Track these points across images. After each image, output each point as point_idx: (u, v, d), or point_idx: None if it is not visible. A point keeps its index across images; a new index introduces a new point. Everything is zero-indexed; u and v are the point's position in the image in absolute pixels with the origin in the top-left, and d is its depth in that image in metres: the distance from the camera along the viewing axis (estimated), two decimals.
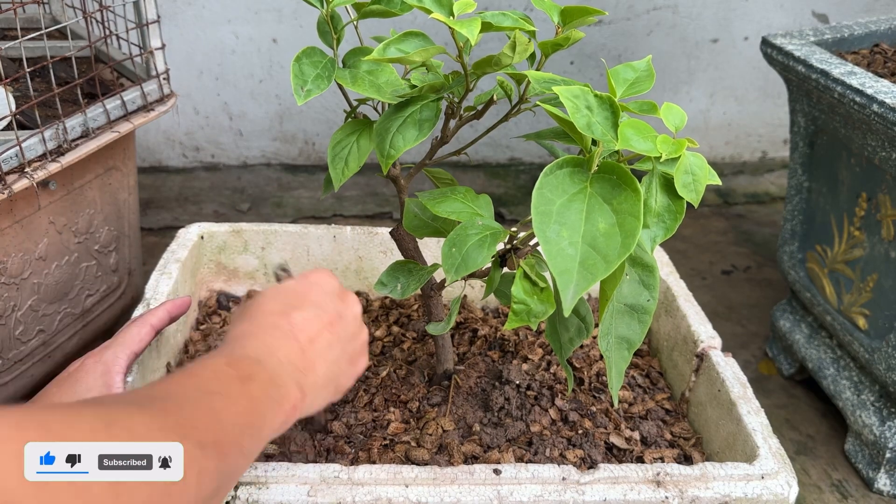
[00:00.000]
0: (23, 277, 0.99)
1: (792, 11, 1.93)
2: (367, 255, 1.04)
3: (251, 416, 0.50)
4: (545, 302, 0.58)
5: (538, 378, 0.87)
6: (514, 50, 0.57)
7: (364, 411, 0.83)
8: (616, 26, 1.89)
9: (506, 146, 2.00)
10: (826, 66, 1.09)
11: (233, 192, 1.87)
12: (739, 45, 1.95)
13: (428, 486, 0.65)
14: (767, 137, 2.09)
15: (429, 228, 0.75)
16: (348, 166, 0.74)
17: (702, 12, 1.90)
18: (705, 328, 0.89)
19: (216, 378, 0.50)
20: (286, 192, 1.88)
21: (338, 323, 0.63)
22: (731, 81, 2.00)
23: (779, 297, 1.48)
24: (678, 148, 0.51)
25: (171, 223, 1.71)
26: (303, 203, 1.84)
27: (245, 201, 1.83)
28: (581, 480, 0.66)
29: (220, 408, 0.47)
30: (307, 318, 0.60)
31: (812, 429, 1.21)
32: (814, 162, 1.23)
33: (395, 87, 0.68)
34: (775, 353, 1.34)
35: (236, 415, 0.48)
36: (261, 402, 0.51)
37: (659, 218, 0.53)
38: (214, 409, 0.47)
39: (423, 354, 0.91)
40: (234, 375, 0.51)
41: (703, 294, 1.52)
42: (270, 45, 1.84)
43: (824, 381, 1.20)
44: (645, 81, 0.59)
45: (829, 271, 1.20)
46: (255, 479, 0.65)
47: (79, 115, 0.98)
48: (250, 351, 0.55)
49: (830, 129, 1.15)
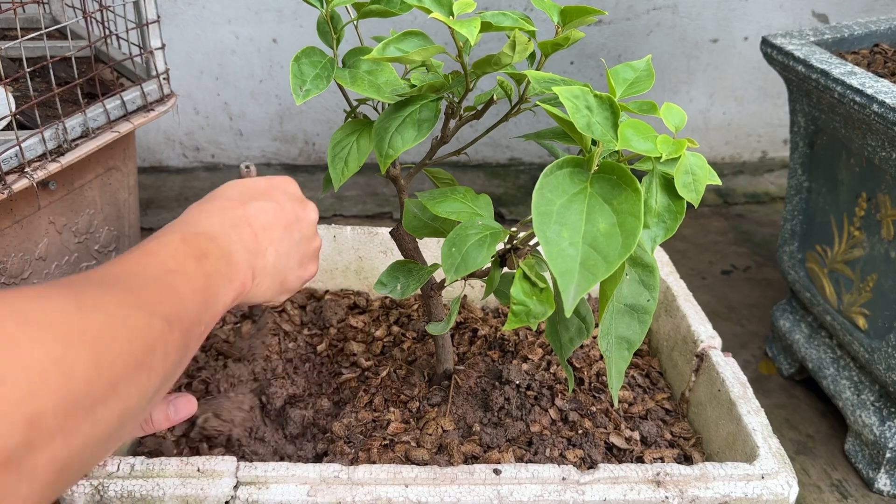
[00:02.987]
0: (23, 278, 0.99)
1: (792, 11, 1.93)
2: (367, 255, 1.04)
3: (207, 292, 0.52)
4: (545, 303, 0.58)
5: (538, 378, 0.87)
6: (514, 49, 0.57)
7: (364, 411, 0.82)
8: (616, 26, 1.89)
9: (506, 146, 2.00)
10: (826, 66, 1.08)
11: None
12: (739, 45, 1.95)
13: (428, 486, 0.65)
14: (767, 137, 2.08)
15: (428, 228, 0.75)
16: (348, 166, 0.74)
17: (701, 12, 1.90)
18: (705, 328, 0.89)
19: (173, 257, 0.52)
20: None
21: (294, 223, 0.66)
22: (730, 81, 2.00)
23: (778, 297, 1.48)
24: (678, 148, 0.51)
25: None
26: None
27: None
28: (581, 480, 0.66)
29: (178, 285, 0.50)
30: (264, 209, 0.63)
31: (812, 429, 1.21)
32: (814, 162, 1.22)
33: (394, 87, 0.68)
34: (775, 352, 1.34)
35: (194, 292, 0.51)
36: (214, 278, 0.54)
37: (659, 218, 0.52)
38: (174, 288, 0.49)
39: (423, 354, 0.91)
40: (190, 253, 0.54)
41: (702, 294, 1.51)
42: (271, 45, 1.84)
43: (824, 381, 1.20)
44: (645, 81, 0.59)
45: (829, 271, 1.19)
46: (255, 479, 0.64)
47: (79, 115, 0.98)
48: (204, 228, 0.58)
49: (830, 129, 1.14)
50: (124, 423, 0.42)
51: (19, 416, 0.33)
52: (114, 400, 0.40)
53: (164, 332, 0.45)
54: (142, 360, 0.43)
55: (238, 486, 0.64)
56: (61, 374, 0.36)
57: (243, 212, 0.62)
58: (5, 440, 0.33)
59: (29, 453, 0.34)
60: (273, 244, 0.63)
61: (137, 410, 0.43)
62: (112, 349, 0.40)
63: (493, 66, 0.60)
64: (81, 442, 0.38)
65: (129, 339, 0.42)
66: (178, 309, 0.48)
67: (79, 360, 0.37)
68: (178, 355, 0.47)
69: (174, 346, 0.46)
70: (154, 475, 0.64)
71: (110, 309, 0.42)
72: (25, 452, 0.34)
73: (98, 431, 0.39)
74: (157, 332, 0.44)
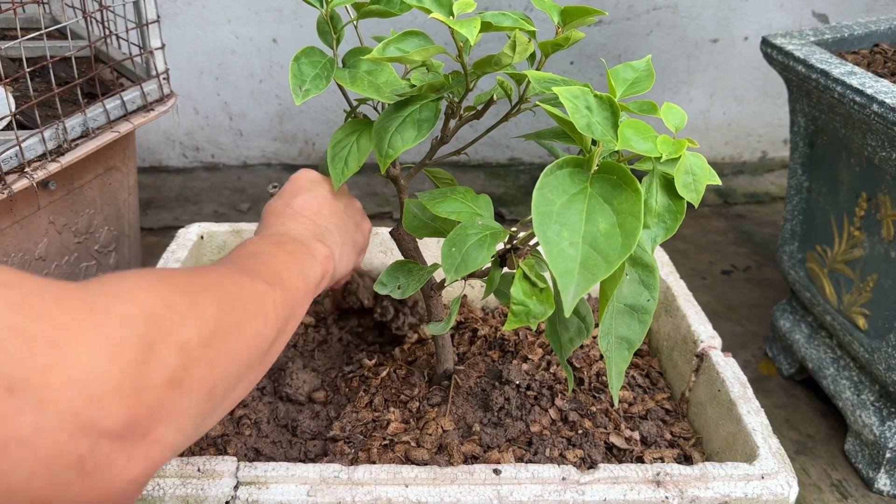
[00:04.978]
0: None
1: (792, 11, 1.93)
2: (367, 255, 1.04)
3: (293, 264, 0.62)
4: (544, 303, 0.58)
5: (538, 378, 0.87)
6: (514, 50, 0.57)
7: (364, 411, 0.82)
8: (616, 26, 1.89)
9: (506, 146, 2.00)
10: (826, 66, 1.08)
11: (233, 193, 1.87)
12: (739, 45, 1.95)
13: (428, 486, 0.65)
14: (767, 137, 2.09)
15: (428, 228, 0.75)
16: (348, 166, 0.74)
17: (701, 12, 1.90)
18: (705, 328, 0.89)
19: (255, 245, 0.63)
20: None
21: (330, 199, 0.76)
22: (730, 81, 2.00)
23: (779, 297, 1.48)
24: (678, 148, 0.51)
25: (171, 223, 1.71)
26: None
27: (245, 201, 1.83)
28: (581, 480, 0.66)
29: (266, 260, 0.60)
30: (305, 200, 0.74)
31: (812, 429, 1.21)
32: (814, 162, 1.23)
33: (394, 87, 0.68)
34: (775, 352, 1.34)
35: (281, 263, 0.61)
36: (296, 256, 0.64)
37: (659, 218, 0.52)
38: (264, 262, 0.60)
39: (423, 354, 0.91)
40: (269, 242, 0.65)
41: (703, 294, 1.51)
42: (271, 45, 1.84)
43: (824, 381, 1.20)
44: (645, 81, 0.59)
45: (829, 271, 1.19)
46: (255, 479, 0.65)
47: (78, 114, 0.98)
48: (272, 231, 0.70)
49: (830, 129, 1.14)
50: (251, 364, 0.51)
51: (174, 342, 0.41)
52: (240, 337, 0.49)
53: (267, 290, 0.54)
54: (255, 309, 0.52)
55: (238, 487, 0.64)
56: (196, 315, 0.44)
57: (292, 210, 0.73)
58: (167, 361, 0.40)
59: (185, 374, 0.42)
60: (329, 221, 0.74)
61: (259, 354, 0.52)
62: (230, 298, 0.49)
63: (493, 67, 0.60)
64: (221, 371, 0.46)
65: (240, 291, 0.51)
66: (274, 275, 0.57)
67: (207, 303, 0.46)
68: (285, 311, 0.56)
69: (280, 302, 0.55)
70: (154, 475, 0.64)
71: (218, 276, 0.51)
72: (182, 373, 0.41)
73: (231, 364, 0.47)
74: (261, 289, 0.54)
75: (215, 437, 0.79)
